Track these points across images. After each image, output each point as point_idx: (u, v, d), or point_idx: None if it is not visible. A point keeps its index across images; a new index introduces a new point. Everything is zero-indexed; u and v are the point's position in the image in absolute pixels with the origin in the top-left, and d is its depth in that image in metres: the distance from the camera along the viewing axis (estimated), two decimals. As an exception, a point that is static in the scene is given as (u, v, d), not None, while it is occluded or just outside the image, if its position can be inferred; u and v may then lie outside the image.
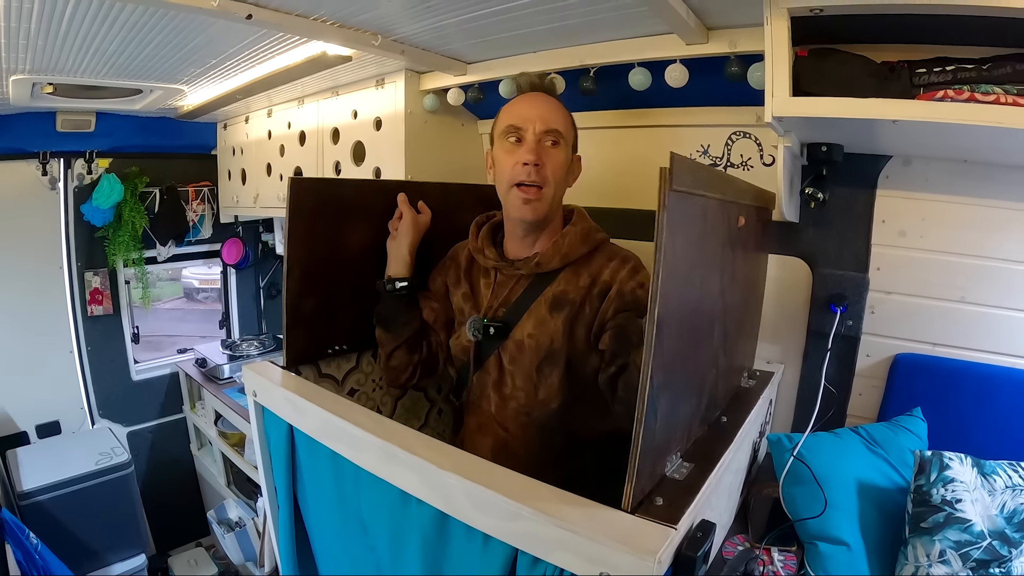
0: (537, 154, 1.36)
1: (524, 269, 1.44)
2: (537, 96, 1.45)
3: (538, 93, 1.45)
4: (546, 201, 1.39)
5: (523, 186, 1.37)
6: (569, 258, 1.42)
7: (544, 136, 1.38)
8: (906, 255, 1.62)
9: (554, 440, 1.43)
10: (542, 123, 1.38)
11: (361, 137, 2.38)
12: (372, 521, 1.14)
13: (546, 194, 1.38)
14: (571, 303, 1.39)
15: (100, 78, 2.34)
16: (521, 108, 1.42)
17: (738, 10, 1.40)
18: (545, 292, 1.42)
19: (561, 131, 1.40)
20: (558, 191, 1.42)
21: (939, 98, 1.21)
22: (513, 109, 1.44)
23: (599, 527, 0.80)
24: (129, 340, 3.76)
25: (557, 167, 1.39)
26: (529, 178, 1.36)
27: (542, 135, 1.38)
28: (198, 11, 1.47)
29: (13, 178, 3.18)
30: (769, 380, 1.58)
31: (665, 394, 0.90)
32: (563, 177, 1.42)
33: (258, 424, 1.41)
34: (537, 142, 1.38)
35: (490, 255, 1.49)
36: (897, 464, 1.44)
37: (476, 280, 1.56)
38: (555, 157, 1.39)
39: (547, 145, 1.39)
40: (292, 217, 1.40)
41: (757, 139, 1.76)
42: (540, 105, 1.42)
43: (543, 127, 1.38)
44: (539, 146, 1.38)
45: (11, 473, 2.89)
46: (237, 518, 3.31)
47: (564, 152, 1.41)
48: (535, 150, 1.37)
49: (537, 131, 1.38)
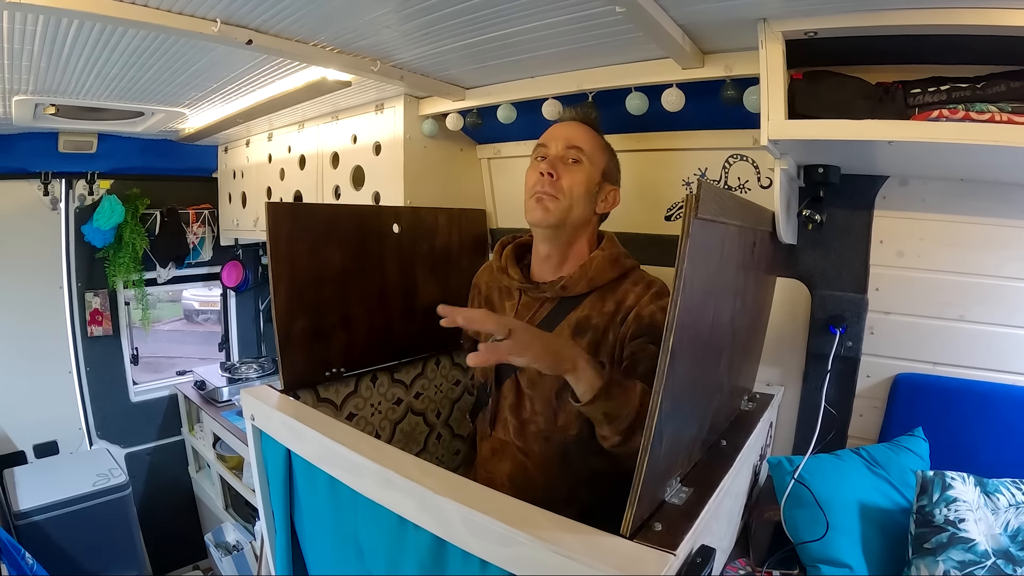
0: (554, 165, 1.41)
1: (549, 292, 1.45)
2: (571, 123, 1.50)
3: (574, 122, 1.51)
4: (560, 208, 1.40)
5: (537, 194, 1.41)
6: (596, 283, 1.42)
7: (566, 152, 1.43)
8: (905, 275, 1.62)
9: (573, 468, 1.41)
10: (565, 141, 1.44)
11: (361, 161, 2.39)
12: (369, 546, 1.14)
13: (561, 203, 1.40)
14: (594, 328, 1.38)
15: (102, 100, 2.36)
16: (552, 130, 1.49)
17: (733, 34, 1.41)
18: (569, 316, 1.41)
19: (584, 149, 1.43)
20: (576, 206, 1.42)
21: (934, 118, 1.21)
22: (547, 132, 1.50)
23: (597, 553, 0.79)
24: (128, 361, 3.76)
25: (575, 182, 1.41)
26: (543, 188, 1.40)
27: (564, 151, 1.43)
28: (199, 36, 1.49)
29: (15, 198, 3.20)
30: (769, 402, 1.58)
31: (671, 421, 0.89)
32: (583, 194, 1.42)
33: (256, 448, 1.41)
34: (559, 158, 1.43)
35: (514, 275, 1.51)
36: (899, 485, 1.43)
37: (500, 302, 1.58)
38: (574, 173, 1.42)
39: (568, 162, 1.42)
40: (272, 239, 1.44)
41: (754, 162, 1.77)
42: (570, 128, 1.47)
43: (565, 144, 1.43)
44: (559, 161, 1.42)
45: (8, 493, 2.87)
46: (235, 541, 3.29)
47: (585, 170, 1.43)
48: (552, 162, 1.42)
49: (560, 148, 1.43)
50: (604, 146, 1.51)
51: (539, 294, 1.47)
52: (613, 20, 1.37)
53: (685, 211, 0.78)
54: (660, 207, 1.94)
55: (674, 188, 1.91)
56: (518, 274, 1.51)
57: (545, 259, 1.49)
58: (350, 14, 1.47)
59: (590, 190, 1.44)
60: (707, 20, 1.36)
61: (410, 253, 1.69)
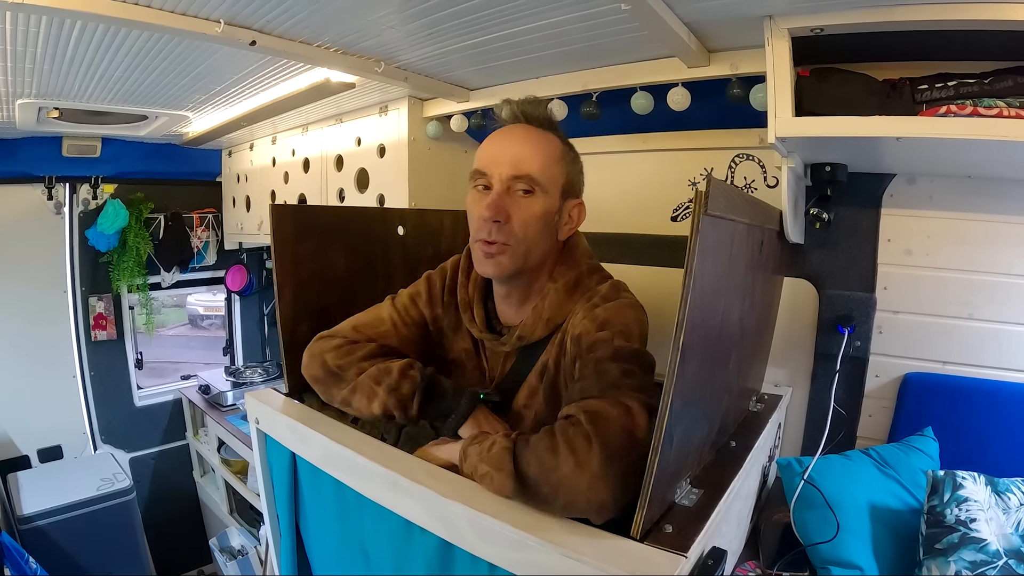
0: (499, 207, 1.11)
1: (508, 346, 1.22)
2: (516, 132, 1.18)
3: (518, 127, 1.19)
4: (515, 257, 1.14)
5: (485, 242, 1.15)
6: (555, 322, 1.18)
7: (513, 183, 1.13)
8: (913, 273, 1.61)
9: None
10: (511, 167, 1.13)
11: (365, 164, 2.39)
12: (375, 550, 1.13)
13: (515, 250, 1.14)
14: (551, 367, 1.18)
15: (106, 104, 2.37)
16: (492, 148, 1.17)
17: (739, 32, 1.40)
18: (537, 363, 1.21)
19: (536, 176, 1.13)
20: (535, 247, 1.16)
21: (942, 114, 1.21)
22: (485, 149, 1.19)
23: (608, 556, 0.78)
24: (132, 366, 3.77)
25: (528, 220, 1.13)
26: (490, 236, 1.13)
27: (510, 182, 1.13)
28: (202, 37, 1.49)
29: (19, 202, 3.21)
30: (777, 403, 1.56)
31: (681, 422, 0.88)
32: (540, 231, 1.15)
33: (261, 451, 1.40)
34: (504, 191, 1.13)
35: (479, 318, 1.27)
36: (909, 485, 1.42)
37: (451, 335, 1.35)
38: (526, 209, 1.13)
39: (517, 194, 1.13)
40: (277, 241, 1.42)
41: (760, 161, 1.76)
42: (515, 144, 1.15)
43: (511, 172, 1.13)
44: (506, 196, 1.13)
45: (12, 497, 2.87)
46: (239, 546, 3.28)
47: (541, 202, 1.14)
48: (497, 203, 1.12)
49: (504, 178, 1.13)
50: (559, 153, 1.18)
51: (500, 347, 1.24)
52: (618, 19, 1.37)
53: (695, 208, 0.77)
54: (666, 207, 1.93)
55: (680, 188, 1.90)
56: (482, 317, 1.27)
57: (505, 298, 1.25)
58: (353, 14, 1.47)
59: (549, 222, 1.17)
60: (713, 18, 1.36)
61: (415, 256, 1.68)
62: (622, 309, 1.12)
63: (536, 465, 0.88)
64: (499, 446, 0.94)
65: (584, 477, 0.84)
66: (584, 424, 0.89)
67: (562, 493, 0.85)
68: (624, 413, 0.92)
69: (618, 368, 1.01)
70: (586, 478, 0.84)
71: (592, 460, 0.85)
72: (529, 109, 1.19)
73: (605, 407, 0.93)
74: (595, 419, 0.90)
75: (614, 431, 0.89)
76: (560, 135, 1.22)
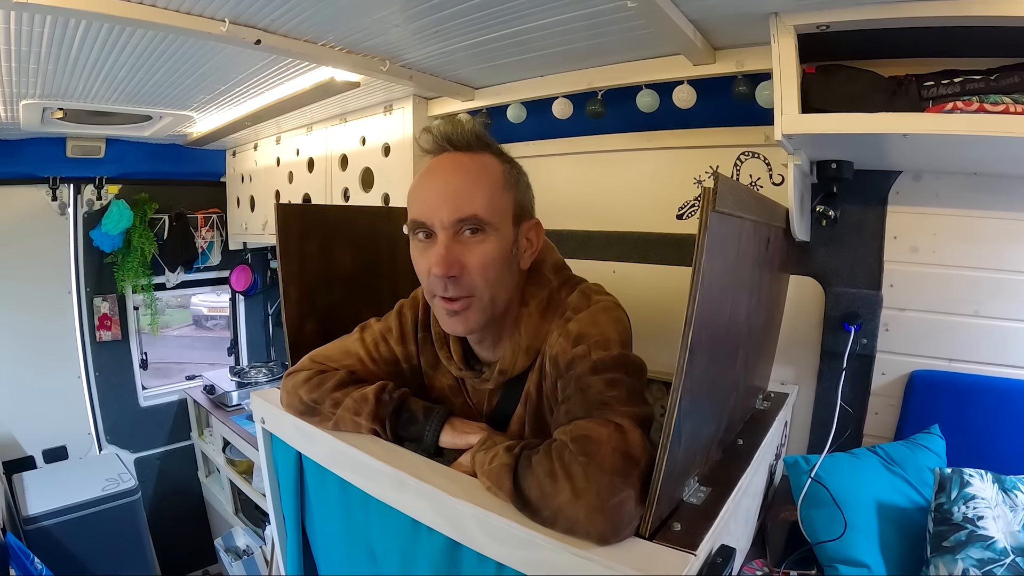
0: (450, 262, 1.02)
1: (492, 383, 1.16)
2: (447, 165, 1.07)
3: (448, 157, 1.08)
4: (481, 310, 1.07)
5: (445, 299, 1.06)
6: (535, 348, 1.12)
7: (459, 226, 1.03)
8: (919, 271, 1.60)
9: None
10: (452, 210, 1.02)
11: (370, 163, 2.39)
12: (382, 550, 1.12)
13: (479, 302, 1.06)
14: (529, 395, 1.14)
15: (110, 104, 2.37)
16: (426, 191, 1.06)
17: (744, 29, 1.40)
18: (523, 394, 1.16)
19: (483, 216, 1.03)
20: (500, 291, 1.07)
21: (948, 110, 1.21)
22: (418, 193, 1.08)
23: (617, 554, 0.78)
24: (137, 366, 3.77)
25: (486, 265, 1.04)
26: (447, 293, 1.04)
27: (455, 227, 1.03)
28: (207, 36, 1.49)
29: (23, 203, 3.22)
30: (784, 401, 1.56)
31: (690, 419, 0.88)
32: (500, 273, 1.06)
33: (266, 451, 1.40)
34: (451, 239, 1.03)
35: (456, 355, 1.20)
36: (916, 483, 1.41)
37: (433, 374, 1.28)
38: (480, 253, 1.03)
39: (465, 237, 1.03)
40: (282, 240, 1.42)
41: (766, 159, 1.75)
42: (451, 181, 1.05)
43: (454, 216, 1.02)
44: (454, 245, 1.03)
45: (17, 497, 2.88)
46: (245, 546, 3.28)
47: (494, 241, 1.04)
48: (446, 257, 1.02)
49: (447, 224, 1.02)
50: (500, 177, 1.07)
51: (483, 385, 1.18)
52: (624, 16, 1.37)
53: (702, 204, 0.76)
54: (671, 206, 1.92)
55: (685, 186, 1.89)
56: (459, 353, 1.20)
57: (479, 343, 1.19)
58: (358, 13, 1.47)
59: (508, 259, 1.07)
60: (719, 15, 1.36)
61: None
62: (595, 316, 1.07)
63: (536, 489, 0.85)
64: (499, 462, 0.91)
65: (582, 508, 0.81)
66: (576, 452, 0.85)
67: (561, 521, 0.82)
68: (615, 432, 0.88)
69: (601, 381, 0.97)
70: (583, 510, 0.80)
71: (589, 491, 0.81)
72: (453, 133, 1.08)
73: (594, 428, 0.89)
74: (586, 445, 0.86)
75: (606, 455, 0.84)
76: (494, 150, 1.12)
